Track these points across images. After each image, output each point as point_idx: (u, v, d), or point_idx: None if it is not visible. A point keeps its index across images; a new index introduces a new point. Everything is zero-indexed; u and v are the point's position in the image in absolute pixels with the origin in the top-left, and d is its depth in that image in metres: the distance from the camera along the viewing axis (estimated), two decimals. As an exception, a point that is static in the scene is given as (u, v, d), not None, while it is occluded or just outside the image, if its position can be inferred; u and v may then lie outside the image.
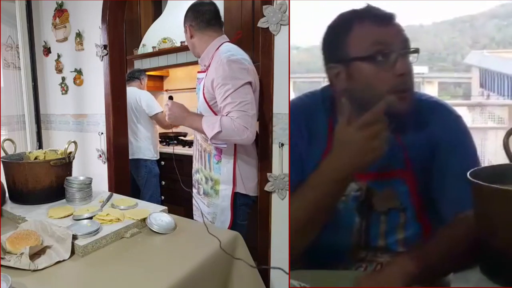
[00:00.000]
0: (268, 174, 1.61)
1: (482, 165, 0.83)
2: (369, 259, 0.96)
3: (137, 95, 2.83)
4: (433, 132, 0.93)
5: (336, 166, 0.78)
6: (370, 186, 0.95)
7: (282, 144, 1.58)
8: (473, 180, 0.71)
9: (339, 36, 0.89)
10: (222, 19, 1.61)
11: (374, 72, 0.85)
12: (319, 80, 0.94)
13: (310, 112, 0.99)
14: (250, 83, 1.40)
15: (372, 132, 0.73)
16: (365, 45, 0.85)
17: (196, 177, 1.65)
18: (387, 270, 0.79)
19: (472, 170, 0.74)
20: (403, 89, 0.85)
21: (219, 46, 1.48)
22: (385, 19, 0.86)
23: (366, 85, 0.86)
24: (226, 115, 1.35)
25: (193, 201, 1.68)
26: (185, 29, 1.55)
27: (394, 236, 0.95)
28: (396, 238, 0.95)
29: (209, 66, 1.47)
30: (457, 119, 0.95)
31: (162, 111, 2.79)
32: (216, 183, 1.54)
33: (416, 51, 0.86)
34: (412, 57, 0.87)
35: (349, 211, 0.95)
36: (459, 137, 0.94)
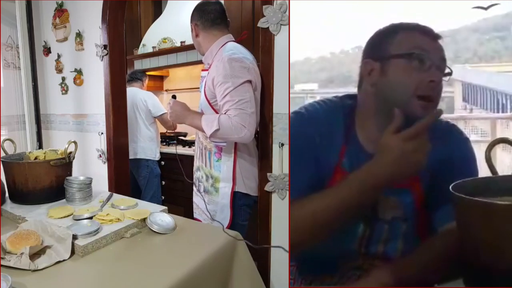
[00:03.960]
0: (268, 174, 1.61)
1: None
2: (365, 267, 0.95)
3: (142, 96, 2.84)
4: (444, 149, 0.93)
5: (377, 172, 0.78)
6: None
7: (282, 144, 1.58)
8: (454, 192, 0.70)
9: (384, 37, 0.92)
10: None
11: (409, 71, 0.87)
12: (304, 94, 0.93)
13: (326, 121, 0.97)
14: (250, 81, 1.40)
15: (416, 145, 0.74)
16: (407, 46, 0.88)
17: (197, 174, 1.66)
18: (364, 281, 0.79)
19: (454, 183, 0.73)
20: (430, 97, 0.86)
21: (223, 45, 1.48)
22: (431, 33, 0.90)
23: (397, 82, 0.88)
24: (225, 113, 1.35)
25: (193, 199, 1.68)
26: (191, 27, 1.57)
27: (394, 245, 0.95)
28: (396, 248, 0.95)
29: (211, 64, 1.48)
30: (466, 141, 0.98)
31: (167, 112, 2.80)
32: (216, 181, 1.55)
33: (450, 73, 0.89)
34: (444, 77, 0.89)
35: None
36: (467, 158, 0.95)
